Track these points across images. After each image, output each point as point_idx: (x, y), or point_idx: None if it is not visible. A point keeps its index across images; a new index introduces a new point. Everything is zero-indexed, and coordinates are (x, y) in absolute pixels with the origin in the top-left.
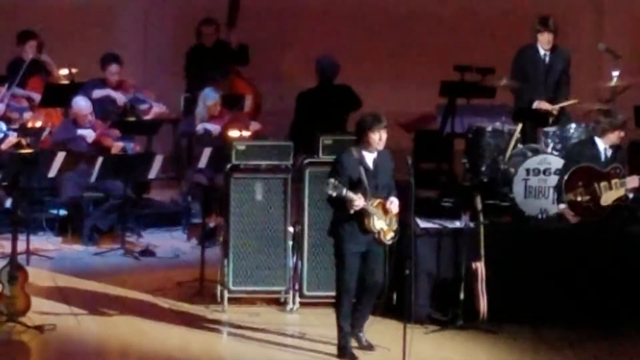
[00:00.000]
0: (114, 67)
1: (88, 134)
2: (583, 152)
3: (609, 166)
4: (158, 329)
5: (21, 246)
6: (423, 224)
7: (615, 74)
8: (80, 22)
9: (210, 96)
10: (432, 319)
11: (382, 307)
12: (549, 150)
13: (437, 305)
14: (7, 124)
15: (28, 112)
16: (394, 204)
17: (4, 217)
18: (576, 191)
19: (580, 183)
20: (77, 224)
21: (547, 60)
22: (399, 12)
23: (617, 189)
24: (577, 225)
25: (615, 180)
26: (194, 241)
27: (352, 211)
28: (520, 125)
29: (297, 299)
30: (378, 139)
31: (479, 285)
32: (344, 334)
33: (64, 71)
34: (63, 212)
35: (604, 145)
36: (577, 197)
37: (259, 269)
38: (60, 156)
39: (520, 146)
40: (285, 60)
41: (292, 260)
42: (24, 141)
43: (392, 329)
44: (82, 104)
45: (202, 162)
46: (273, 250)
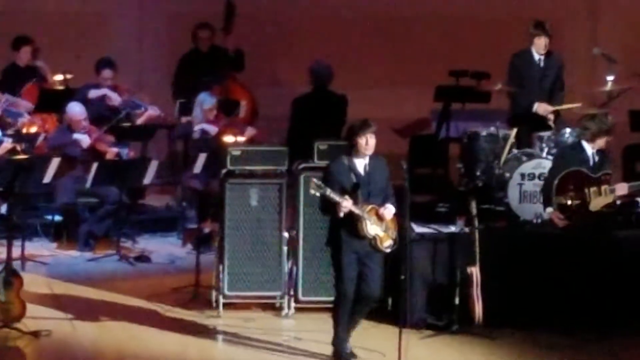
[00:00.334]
0: (107, 72)
1: (84, 139)
2: (573, 156)
3: (598, 171)
4: (153, 334)
5: (16, 252)
6: (418, 228)
7: (610, 78)
8: (75, 27)
9: (207, 101)
10: (428, 323)
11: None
12: (544, 154)
13: (433, 310)
14: (2, 129)
15: (24, 117)
16: (387, 210)
17: None
18: (567, 195)
19: (571, 187)
20: (72, 229)
21: (542, 64)
22: (394, 18)
23: (606, 196)
24: (571, 230)
25: (605, 187)
26: (189, 246)
27: (342, 214)
28: (515, 130)
29: (293, 304)
30: (365, 143)
31: (474, 290)
32: (340, 340)
33: (59, 77)
34: (58, 217)
35: (591, 150)
36: (567, 201)
37: (254, 274)
38: (55, 162)
39: (515, 151)
40: (281, 66)
41: (287, 266)
42: (19, 147)
43: (388, 334)
44: (76, 109)
45: (197, 167)
46: (268, 255)
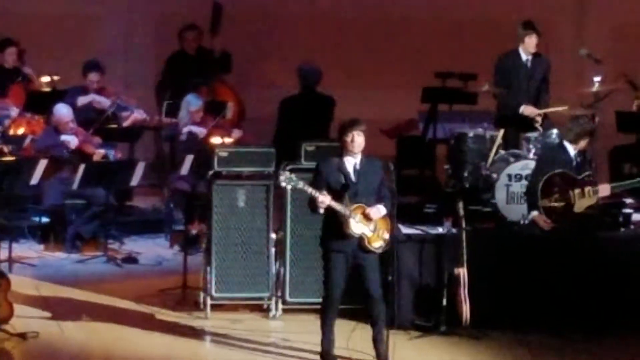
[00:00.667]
0: (94, 75)
1: (71, 140)
2: (556, 158)
3: (581, 172)
4: (141, 335)
5: (3, 254)
6: (405, 230)
7: (597, 79)
8: (61, 29)
9: (194, 102)
10: (415, 325)
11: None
12: (531, 155)
13: (420, 311)
14: None
15: (10, 119)
16: (374, 209)
17: None
18: (551, 197)
19: (556, 189)
20: (59, 231)
21: (529, 65)
22: (381, 19)
23: (589, 197)
24: (557, 231)
25: (588, 188)
26: (177, 248)
27: (321, 210)
28: (502, 131)
29: (280, 306)
30: (350, 140)
31: (462, 291)
32: (327, 340)
33: (46, 79)
34: (45, 219)
35: (574, 151)
36: (552, 203)
37: (242, 276)
38: (42, 163)
39: (502, 152)
40: (269, 67)
41: (274, 267)
42: (5, 149)
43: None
44: (63, 111)
45: (185, 169)
46: (256, 257)
